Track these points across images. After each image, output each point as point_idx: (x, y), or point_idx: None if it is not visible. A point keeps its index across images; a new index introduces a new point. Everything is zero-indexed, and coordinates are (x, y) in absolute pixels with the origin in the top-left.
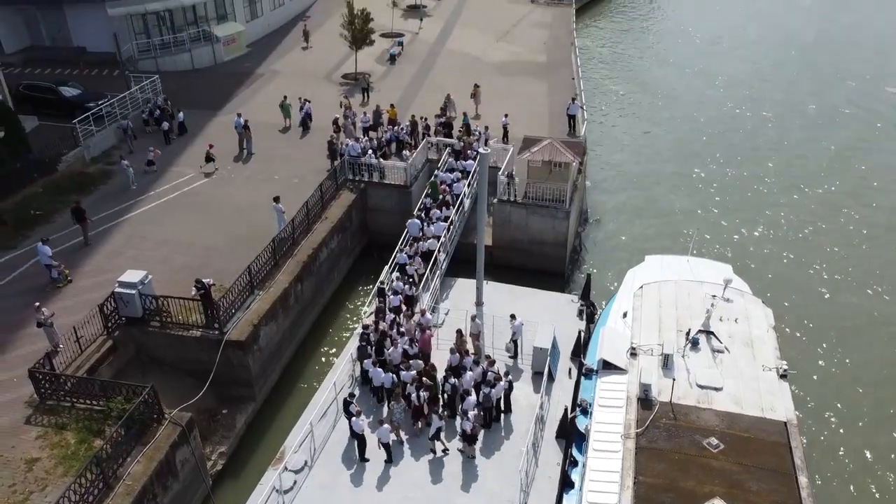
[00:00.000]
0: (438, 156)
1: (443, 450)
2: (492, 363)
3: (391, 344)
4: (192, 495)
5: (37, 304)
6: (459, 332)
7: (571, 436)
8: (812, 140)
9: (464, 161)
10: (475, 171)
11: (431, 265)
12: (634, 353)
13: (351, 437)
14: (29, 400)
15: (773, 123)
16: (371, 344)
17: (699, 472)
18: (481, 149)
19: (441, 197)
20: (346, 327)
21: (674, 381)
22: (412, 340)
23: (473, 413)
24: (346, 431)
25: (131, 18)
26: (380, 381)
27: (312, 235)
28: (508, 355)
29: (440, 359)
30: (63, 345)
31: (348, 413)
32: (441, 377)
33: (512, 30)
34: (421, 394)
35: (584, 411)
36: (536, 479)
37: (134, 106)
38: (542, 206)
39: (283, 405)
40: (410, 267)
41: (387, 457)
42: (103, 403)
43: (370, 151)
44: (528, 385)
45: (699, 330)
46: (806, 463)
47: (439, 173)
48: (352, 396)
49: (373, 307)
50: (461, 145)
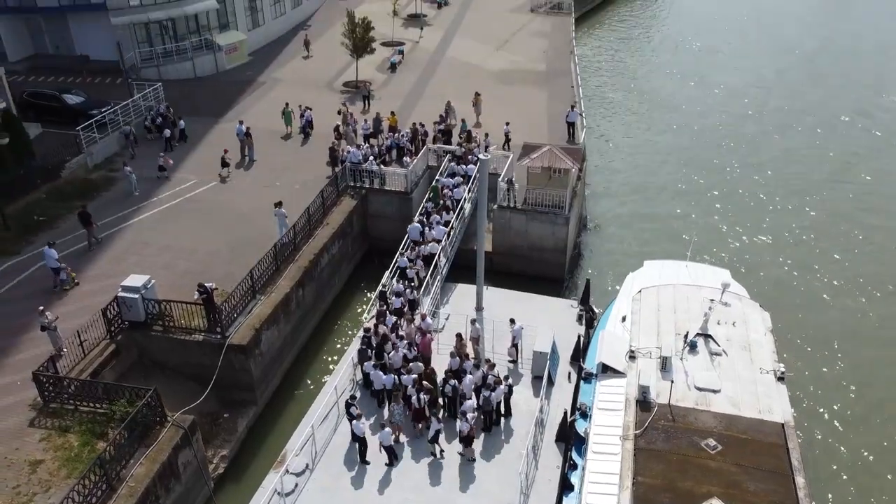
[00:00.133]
0: (438, 163)
1: (439, 452)
2: (492, 367)
3: (392, 348)
4: (194, 498)
5: (40, 308)
6: (459, 336)
7: (571, 439)
8: (810, 147)
9: (465, 166)
10: (475, 177)
11: (432, 269)
12: (633, 357)
13: (352, 441)
14: (33, 403)
15: (772, 131)
16: (372, 347)
17: (697, 473)
18: (481, 155)
19: (441, 202)
20: (347, 333)
21: (672, 384)
22: (411, 344)
23: (472, 415)
24: (348, 435)
25: (134, 27)
26: (381, 384)
27: (314, 241)
28: (509, 360)
29: (440, 363)
30: (66, 348)
31: (350, 414)
32: (441, 379)
33: (511, 39)
34: (421, 396)
35: (584, 415)
36: (536, 482)
37: (137, 113)
38: (542, 213)
39: (285, 409)
40: (411, 270)
41: (388, 460)
42: (106, 406)
43: (371, 158)
44: (528, 389)
45: (697, 333)
46: (803, 464)
47: (441, 178)
48: (353, 398)
49: (374, 311)
50: (462, 151)
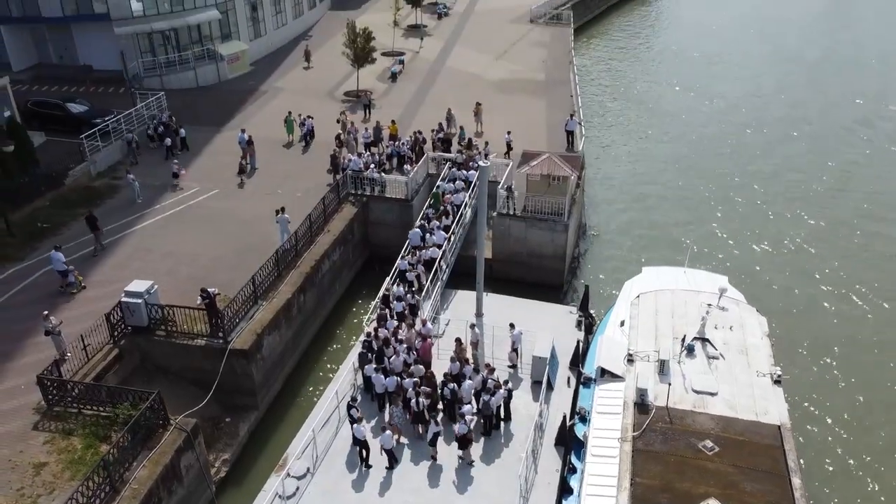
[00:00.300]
0: (438, 171)
1: (437, 454)
2: (491, 371)
3: (393, 352)
4: (196, 501)
5: (45, 313)
6: (459, 341)
7: (570, 443)
8: (808, 155)
9: (465, 171)
10: (475, 183)
11: (433, 274)
12: (631, 360)
13: (353, 444)
14: (37, 406)
15: (771, 139)
16: (373, 351)
17: (695, 474)
18: (481, 162)
19: (442, 207)
20: (348, 339)
21: (669, 387)
22: (410, 349)
23: (470, 418)
24: (349, 438)
25: (137, 37)
26: (382, 387)
27: (315, 247)
28: (509, 365)
29: (440, 368)
30: (70, 353)
31: (351, 417)
32: (440, 381)
33: (511, 48)
34: (420, 399)
35: (583, 419)
36: (536, 486)
37: (140, 122)
38: (541, 220)
39: (286, 414)
40: (411, 273)
41: (389, 463)
42: (110, 409)
43: (372, 166)
44: (528, 394)
45: (695, 337)
46: (799, 465)
47: (442, 184)
48: (354, 400)
49: (375, 314)
50: (463, 158)
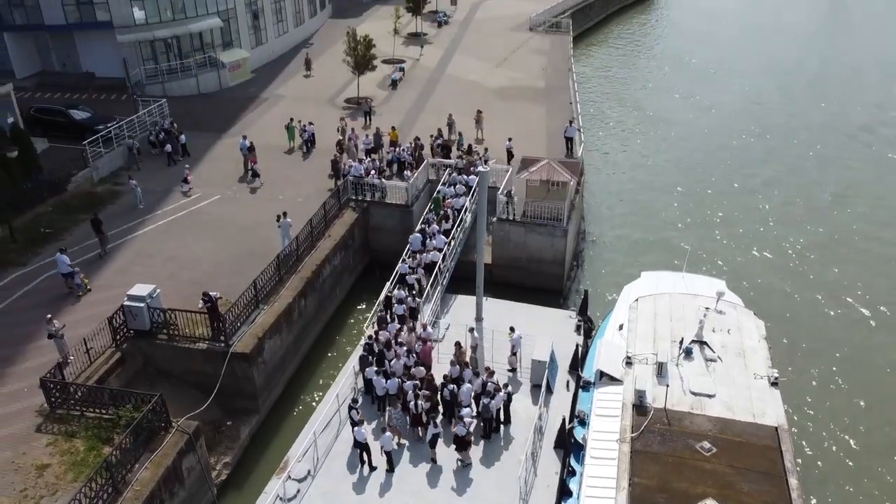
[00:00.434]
0: (438, 176)
1: (433, 457)
2: (491, 374)
3: (394, 355)
4: (198, 503)
5: (48, 317)
6: (458, 345)
7: (569, 446)
8: (805, 162)
9: (466, 176)
10: (475, 188)
11: (433, 278)
12: (629, 363)
13: (354, 447)
14: (39, 409)
15: (769, 146)
16: (374, 354)
17: (692, 474)
18: (481, 168)
19: (442, 212)
20: (349, 343)
21: (667, 388)
22: (410, 352)
23: (468, 420)
24: (349, 441)
25: (140, 45)
26: (382, 389)
27: (316, 252)
28: (508, 368)
29: (440, 372)
30: (73, 356)
31: (352, 420)
32: (440, 383)
33: (511, 56)
34: (420, 402)
35: (582, 422)
36: (535, 488)
37: (142, 129)
38: (541, 225)
39: (287, 418)
40: (411, 276)
41: (388, 466)
42: (112, 412)
43: (373, 172)
44: (527, 397)
45: (692, 340)
46: (796, 465)
47: (442, 188)
48: (355, 402)
49: (376, 316)
50: (464, 163)
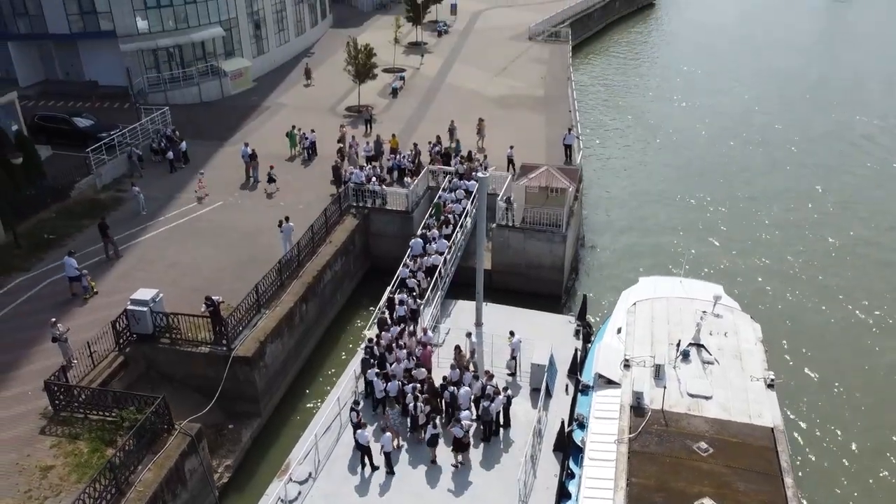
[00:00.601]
0: (438, 183)
1: (432, 459)
2: (490, 378)
3: (395, 359)
4: None
5: (52, 320)
6: (458, 349)
7: (568, 449)
8: (802, 169)
9: (466, 181)
10: (475, 194)
11: (433, 282)
12: (627, 365)
13: (355, 449)
14: (43, 412)
15: (767, 153)
16: (375, 357)
17: (689, 474)
18: (480, 173)
19: (443, 217)
20: (349, 349)
21: (665, 390)
22: (410, 353)
23: (467, 423)
24: (350, 444)
25: (142, 54)
26: (381, 392)
27: (317, 258)
28: (508, 373)
29: (440, 376)
30: (76, 359)
31: (353, 422)
32: (440, 384)
33: (510, 65)
34: (419, 405)
35: (581, 425)
36: (535, 490)
37: (145, 136)
38: (540, 231)
39: (288, 421)
40: (411, 280)
41: (388, 468)
42: (115, 414)
43: (374, 179)
44: (527, 401)
45: (690, 343)
46: (792, 465)
47: (443, 194)
48: (356, 404)
49: (377, 317)
50: (464, 169)
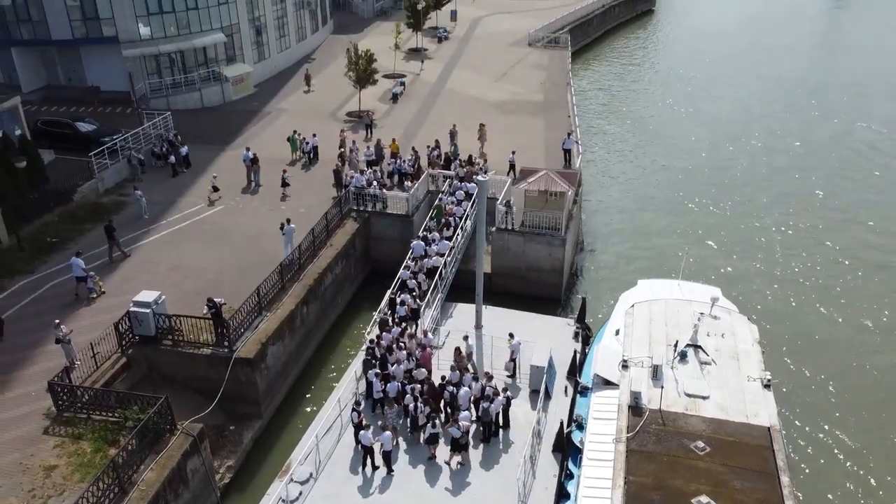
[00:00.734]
0: (437, 187)
1: (430, 456)
2: (490, 379)
3: (395, 361)
4: None
5: (56, 322)
6: (458, 350)
7: (567, 449)
8: (799, 174)
9: (467, 183)
10: (475, 198)
11: (434, 284)
12: (626, 366)
13: (360, 449)
14: (47, 412)
15: (764, 158)
16: (376, 358)
17: (687, 473)
18: (480, 177)
19: (444, 219)
20: (350, 352)
21: (662, 390)
22: (410, 354)
23: (465, 423)
24: (351, 445)
25: (144, 59)
26: (378, 393)
27: (318, 261)
28: (507, 374)
29: (440, 378)
30: (79, 361)
31: (355, 424)
32: (438, 383)
33: (510, 71)
34: (419, 405)
35: (580, 426)
36: (534, 490)
37: (147, 141)
38: (539, 234)
39: (289, 423)
40: (412, 281)
41: (387, 467)
42: (118, 415)
43: (374, 183)
44: (526, 402)
45: (687, 344)
46: (788, 464)
47: (444, 196)
48: (358, 405)
49: (379, 317)
50: (465, 173)
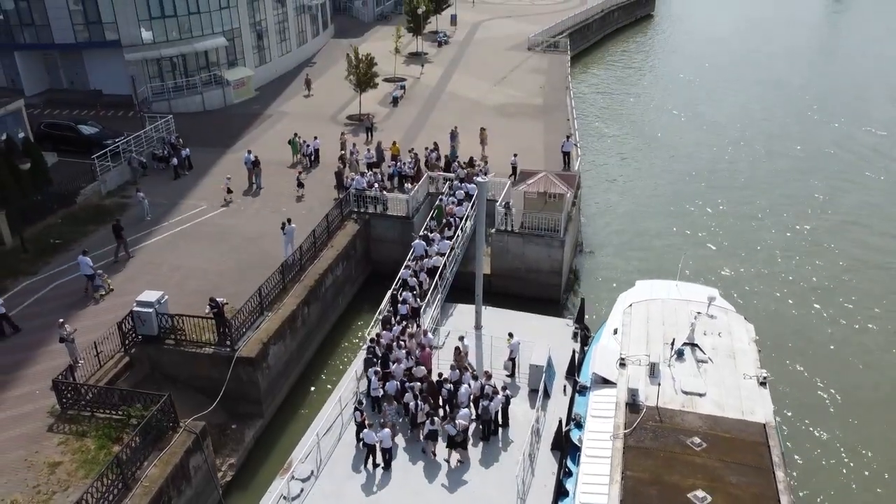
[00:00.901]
0: (437, 189)
1: (432, 451)
2: (489, 377)
3: (395, 360)
4: (204, 502)
5: (60, 321)
6: (458, 350)
7: (566, 448)
8: (797, 177)
9: (468, 184)
10: (475, 198)
11: (434, 284)
12: (623, 364)
13: (363, 447)
14: (51, 410)
15: (762, 163)
16: (377, 357)
17: (683, 468)
18: (479, 178)
19: (444, 220)
20: (350, 352)
21: (659, 387)
22: (410, 353)
23: (461, 422)
24: (352, 443)
25: (147, 63)
26: (376, 391)
27: (319, 262)
28: (506, 374)
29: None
30: (83, 360)
31: (357, 422)
32: (437, 381)
33: (510, 75)
34: (419, 403)
35: (578, 425)
36: (532, 488)
37: (149, 144)
38: (538, 236)
39: (290, 422)
40: (413, 279)
41: (385, 464)
42: (122, 412)
43: (375, 185)
44: (525, 401)
45: (684, 342)
46: (783, 460)
47: (444, 197)
48: (360, 404)
49: (381, 316)
50: (465, 174)
